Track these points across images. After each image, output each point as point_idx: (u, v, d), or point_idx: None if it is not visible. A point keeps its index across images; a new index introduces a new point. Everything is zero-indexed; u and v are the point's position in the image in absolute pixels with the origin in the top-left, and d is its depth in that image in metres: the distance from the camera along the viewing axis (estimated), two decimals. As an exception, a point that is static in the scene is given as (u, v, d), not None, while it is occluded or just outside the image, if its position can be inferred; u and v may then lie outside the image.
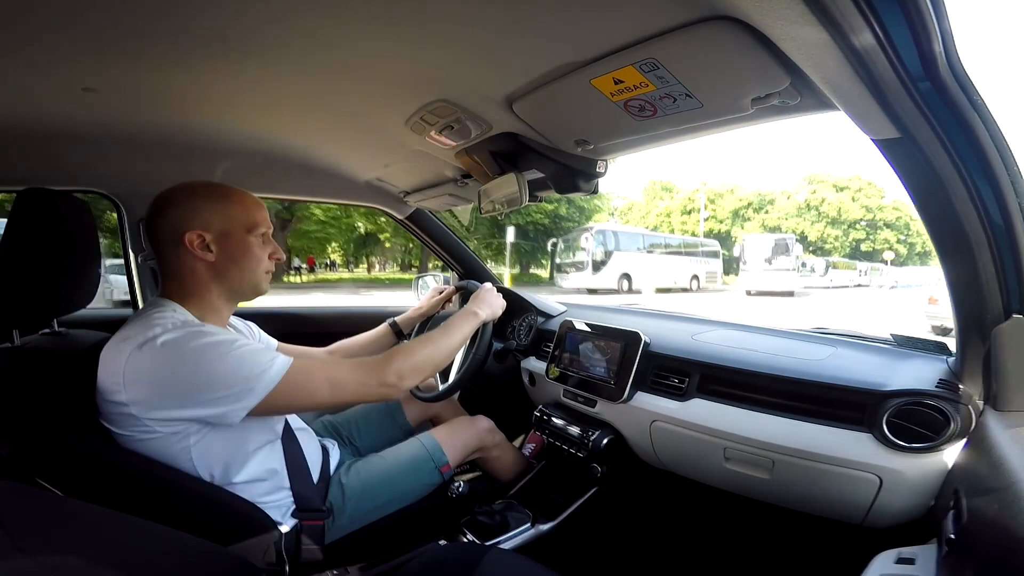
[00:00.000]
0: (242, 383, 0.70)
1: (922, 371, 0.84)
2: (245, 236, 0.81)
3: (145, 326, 0.71)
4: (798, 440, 0.86)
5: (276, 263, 0.88)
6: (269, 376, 0.71)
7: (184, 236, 0.76)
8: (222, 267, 0.80)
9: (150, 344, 0.69)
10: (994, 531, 0.49)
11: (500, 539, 1.06)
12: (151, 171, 1.31)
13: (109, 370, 0.71)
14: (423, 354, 0.89)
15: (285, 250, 1.08)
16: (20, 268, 0.76)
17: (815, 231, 32.72)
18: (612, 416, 1.18)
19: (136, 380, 0.69)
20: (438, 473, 1.06)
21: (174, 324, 0.72)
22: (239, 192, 0.84)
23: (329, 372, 0.80)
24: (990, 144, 0.57)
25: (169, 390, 0.69)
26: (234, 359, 0.71)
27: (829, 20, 0.46)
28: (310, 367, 0.78)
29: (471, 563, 0.62)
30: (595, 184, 1.08)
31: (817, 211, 32.74)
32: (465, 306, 1.06)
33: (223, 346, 0.71)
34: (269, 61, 0.80)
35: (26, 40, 0.71)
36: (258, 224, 0.83)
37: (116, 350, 0.71)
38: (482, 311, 1.05)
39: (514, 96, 0.84)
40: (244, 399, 0.70)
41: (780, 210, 33.26)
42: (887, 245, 34.51)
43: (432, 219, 1.79)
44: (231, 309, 0.88)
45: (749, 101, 0.66)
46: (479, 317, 1.04)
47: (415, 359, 0.86)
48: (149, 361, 0.69)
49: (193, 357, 0.69)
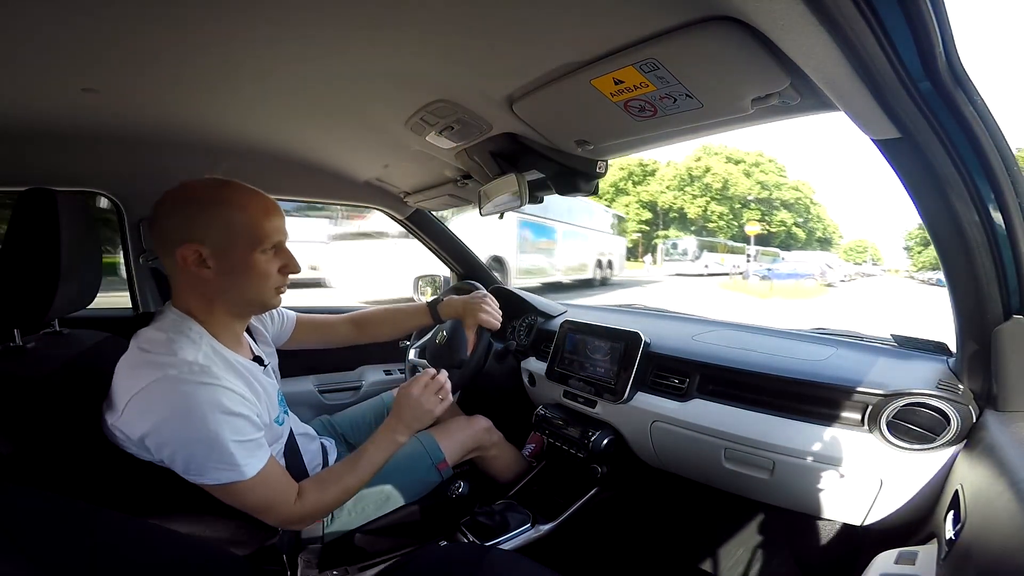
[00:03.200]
0: (217, 463, 0.67)
1: (922, 371, 0.84)
2: (249, 253, 0.71)
3: (166, 358, 0.67)
4: (798, 440, 0.86)
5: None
6: (238, 472, 0.68)
7: (176, 251, 0.69)
8: (222, 285, 0.72)
9: (165, 384, 0.65)
10: (994, 531, 0.49)
11: (500, 539, 1.06)
12: (151, 171, 1.31)
13: (120, 391, 0.67)
14: (335, 497, 0.80)
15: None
16: (22, 268, 0.76)
17: (695, 207, 28.45)
18: (612, 416, 1.18)
19: (138, 414, 0.65)
20: (435, 471, 1.06)
21: (191, 368, 0.67)
22: (245, 196, 0.73)
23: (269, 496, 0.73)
24: (990, 144, 0.57)
25: (162, 435, 0.66)
26: (227, 439, 0.66)
27: (829, 20, 0.46)
28: (272, 483, 0.73)
29: (471, 563, 0.62)
30: (595, 184, 1.08)
31: (701, 183, 28.41)
32: (388, 420, 0.88)
33: (227, 416, 0.67)
34: (269, 61, 0.80)
35: (26, 40, 0.71)
36: (266, 236, 0.72)
37: (133, 374, 0.67)
38: (404, 432, 0.86)
39: (514, 96, 0.84)
40: (205, 476, 0.67)
41: (660, 182, 28.34)
42: (784, 228, 31.63)
43: (432, 219, 1.79)
44: (243, 324, 0.82)
45: (749, 101, 0.66)
46: (399, 444, 0.86)
47: (327, 503, 0.80)
48: (158, 401, 0.65)
49: (199, 418, 0.65)
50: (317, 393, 1.59)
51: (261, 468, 0.70)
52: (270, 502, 0.73)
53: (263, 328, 0.99)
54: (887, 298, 15.86)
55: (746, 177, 29.01)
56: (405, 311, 1.20)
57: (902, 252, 46.06)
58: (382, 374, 1.72)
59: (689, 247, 19.27)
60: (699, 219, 28.73)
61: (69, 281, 0.82)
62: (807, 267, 19.88)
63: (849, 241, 59.15)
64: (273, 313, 1.03)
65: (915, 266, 39.05)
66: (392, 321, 1.19)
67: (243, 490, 0.70)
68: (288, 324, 1.07)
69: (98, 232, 0.89)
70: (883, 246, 63.46)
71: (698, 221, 28.89)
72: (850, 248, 57.47)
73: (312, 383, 1.60)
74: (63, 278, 0.78)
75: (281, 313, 1.05)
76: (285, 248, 0.78)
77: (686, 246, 19.79)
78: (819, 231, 35.31)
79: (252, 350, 0.86)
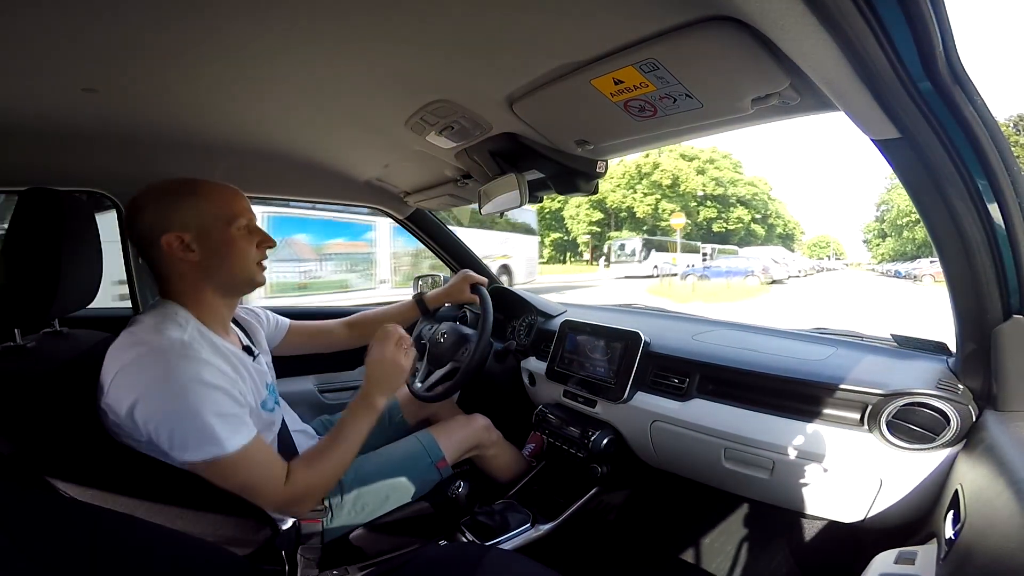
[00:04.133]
0: (199, 436, 0.67)
1: (922, 371, 0.84)
2: (226, 229, 0.78)
3: (150, 336, 0.70)
4: (798, 440, 0.86)
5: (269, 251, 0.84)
6: (219, 446, 0.68)
7: (161, 239, 0.74)
8: (208, 265, 0.77)
9: (148, 358, 0.68)
10: (994, 531, 0.49)
11: (500, 539, 1.06)
12: (151, 171, 1.30)
13: (106, 371, 0.70)
14: (324, 474, 0.80)
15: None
16: (22, 267, 0.76)
17: (645, 206, 26.64)
18: (612, 416, 1.18)
19: (121, 388, 0.68)
20: (434, 469, 1.06)
21: (173, 343, 0.69)
22: (212, 185, 0.80)
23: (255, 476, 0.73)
24: (990, 144, 0.57)
25: (144, 407, 0.67)
26: (207, 411, 0.68)
27: (829, 20, 0.46)
28: (260, 461, 0.73)
29: (471, 563, 0.62)
30: (595, 184, 1.08)
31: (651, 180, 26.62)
32: (360, 390, 0.87)
33: (207, 388, 0.69)
34: (269, 62, 0.80)
35: (26, 40, 0.71)
36: (238, 215, 0.79)
37: (117, 354, 0.70)
38: (379, 395, 0.86)
39: (514, 96, 0.84)
40: (188, 451, 0.67)
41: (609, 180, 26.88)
42: (741, 224, 30.45)
43: (432, 219, 1.79)
44: (231, 307, 0.85)
45: (749, 101, 0.66)
46: (377, 408, 0.86)
47: (317, 481, 0.79)
48: (141, 374, 0.68)
49: (179, 387, 0.67)
50: (317, 393, 1.59)
51: (244, 444, 0.71)
52: (256, 481, 0.73)
53: (259, 326, 1.01)
54: (840, 291, 15.17)
55: (699, 174, 27.91)
56: (396, 309, 1.28)
57: (863, 246, 46.27)
58: (382, 374, 1.72)
59: (636, 247, 17.97)
60: (649, 217, 27.21)
61: (70, 281, 0.82)
62: (745, 264, 17.52)
63: (812, 237, 59.81)
64: (268, 315, 1.07)
65: (875, 259, 38.60)
66: (386, 319, 1.23)
67: (228, 466, 0.70)
68: (280, 328, 1.10)
69: (98, 232, 0.89)
70: (846, 241, 64.99)
71: (648, 220, 27.31)
72: (813, 244, 58.07)
73: (312, 383, 1.60)
74: (63, 278, 0.78)
75: (274, 317, 1.09)
76: (257, 227, 0.83)
77: (634, 246, 18.47)
78: (779, 227, 34.57)
79: (241, 340, 0.88)
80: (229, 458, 0.69)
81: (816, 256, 51.06)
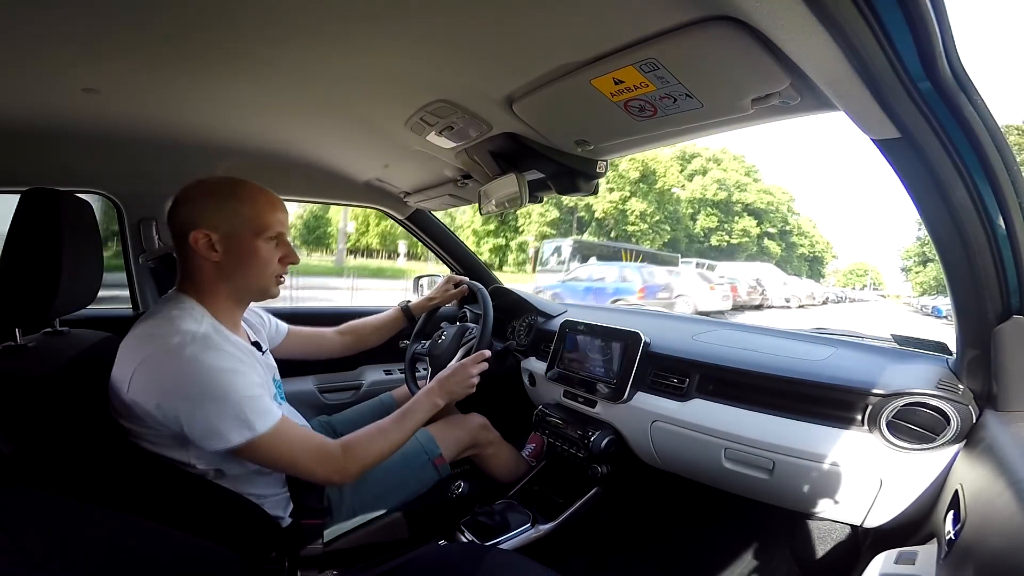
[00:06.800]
0: (231, 421, 0.69)
1: (922, 371, 0.84)
2: (252, 240, 0.79)
3: (168, 329, 0.71)
4: (798, 440, 0.86)
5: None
6: (251, 428, 0.70)
7: (190, 234, 0.76)
8: (227, 268, 0.79)
9: (169, 351, 0.69)
10: (994, 531, 0.49)
11: (500, 539, 1.06)
12: (151, 171, 1.31)
13: (124, 365, 0.71)
14: (376, 451, 0.84)
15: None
16: (23, 267, 0.76)
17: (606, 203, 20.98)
18: (612, 416, 1.18)
19: (145, 382, 0.68)
20: (432, 466, 1.06)
21: (193, 336, 0.71)
22: (254, 191, 0.81)
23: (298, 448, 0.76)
24: (990, 144, 0.57)
25: (172, 399, 0.68)
26: (234, 397, 0.70)
27: (829, 20, 0.46)
28: (289, 437, 0.75)
29: (471, 563, 0.62)
30: (595, 184, 1.08)
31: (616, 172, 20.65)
32: (428, 385, 0.97)
33: (230, 375, 0.71)
34: (269, 61, 0.80)
35: (27, 41, 0.71)
36: (269, 226, 0.80)
37: (137, 347, 0.71)
38: (442, 397, 0.95)
39: (514, 96, 0.84)
40: (223, 438, 0.69)
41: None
42: (747, 238, 24.59)
43: (432, 219, 1.79)
44: (241, 310, 0.87)
45: (749, 101, 0.66)
46: (436, 407, 0.94)
47: (369, 458, 0.83)
48: (164, 366, 0.69)
49: (205, 378, 0.69)
50: (317, 392, 1.59)
51: (274, 424, 0.73)
52: (298, 456, 0.76)
53: (261, 328, 1.03)
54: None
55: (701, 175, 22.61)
56: (385, 317, 1.32)
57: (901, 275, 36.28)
58: (382, 374, 1.73)
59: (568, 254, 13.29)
60: (608, 218, 20.89)
61: (70, 281, 0.82)
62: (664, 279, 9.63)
63: (849, 264, 54.02)
64: (270, 318, 1.08)
65: (915, 290, 30.93)
66: (375, 328, 1.29)
67: (265, 447, 0.72)
68: (280, 332, 1.12)
69: (99, 232, 0.89)
70: (887, 271, 56.86)
71: (607, 221, 21.12)
72: (850, 271, 52.46)
73: (312, 383, 1.60)
74: (64, 277, 0.78)
75: (275, 321, 1.10)
76: (286, 241, 0.84)
77: (567, 252, 13.59)
78: (803, 247, 28.30)
79: (249, 336, 0.91)
80: (264, 438, 0.71)
81: (850, 284, 46.15)
